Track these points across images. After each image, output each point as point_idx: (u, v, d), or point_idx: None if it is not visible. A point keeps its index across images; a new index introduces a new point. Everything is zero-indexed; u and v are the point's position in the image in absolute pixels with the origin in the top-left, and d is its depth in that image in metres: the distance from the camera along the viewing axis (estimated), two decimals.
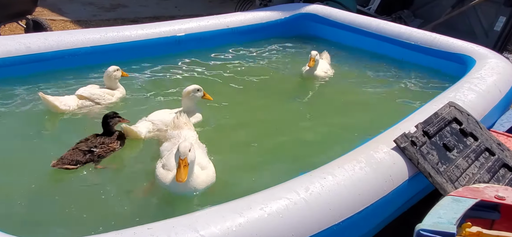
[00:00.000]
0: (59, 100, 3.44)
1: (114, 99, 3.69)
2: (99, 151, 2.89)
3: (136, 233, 1.77)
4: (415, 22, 7.29)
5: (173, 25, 5.01)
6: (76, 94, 3.59)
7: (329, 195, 2.24)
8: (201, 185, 2.59)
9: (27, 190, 2.60)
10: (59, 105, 3.40)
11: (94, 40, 4.40)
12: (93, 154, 2.86)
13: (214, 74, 4.58)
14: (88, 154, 2.84)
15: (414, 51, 5.06)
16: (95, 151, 2.87)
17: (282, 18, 5.82)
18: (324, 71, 4.59)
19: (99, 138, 2.97)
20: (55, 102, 3.38)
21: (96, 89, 3.65)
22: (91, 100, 3.57)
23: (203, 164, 2.68)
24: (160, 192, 2.64)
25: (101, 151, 2.90)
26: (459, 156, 2.83)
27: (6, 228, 1.88)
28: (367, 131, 3.31)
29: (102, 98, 3.61)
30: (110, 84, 3.73)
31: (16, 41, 4.06)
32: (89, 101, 3.56)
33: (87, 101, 3.55)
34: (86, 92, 3.59)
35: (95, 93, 3.60)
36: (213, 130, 3.44)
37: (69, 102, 3.48)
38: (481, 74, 3.93)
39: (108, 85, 3.74)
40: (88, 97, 3.57)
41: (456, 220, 1.96)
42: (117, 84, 3.77)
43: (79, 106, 3.52)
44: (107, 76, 3.71)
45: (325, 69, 4.61)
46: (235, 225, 1.91)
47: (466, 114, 3.16)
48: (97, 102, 3.59)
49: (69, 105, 3.46)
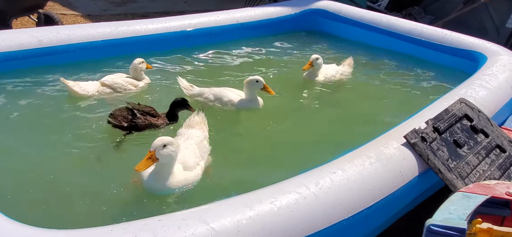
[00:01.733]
0: (79, 85, 3.62)
1: (136, 89, 3.86)
2: (140, 118, 3.14)
3: (147, 224, 1.79)
4: (426, 18, 7.23)
5: (183, 20, 5.02)
6: (100, 81, 3.77)
7: (339, 190, 2.24)
8: (175, 186, 2.51)
9: (39, 178, 2.65)
10: (79, 90, 3.58)
11: (105, 34, 4.44)
12: (135, 116, 3.11)
13: (221, 69, 4.59)
14: (129, 122, 3.10)
15: (424, 47, 5.03)
16: (136, 114, 3.13)
17: (292, 13, 5.81)
18: (325, 76, 4.32)
19: (150, 110, 3.23)
20: (74, 88, 3.56)
21: (120, 79, 3.82)
22: (113, 88, 3.75)
23: (189, 165, 2.62)
24: None
25: (142, 119, 3.14)
26: (469, 152, 2.82)
27: (14, 214, 1.90)
28: (376, 126, 3.30)
29: (123, 88, 3.78)
30: (136, 75, 3.89)
31: (28, 35, 4.10)
32: (111, 89, 3.74)
33: (108, 89, 3.73)
34: (109, 80, 3.77)
35: (117, 82, 3.77)
36: (215, 124, 3.45)
37: (88, 88, 3.65)
38: (492, 71, 3.90)
39: (134, 76, 3.91)
40: (110, 85, 3.75)
41: (467, 216, 1.95)
42: (142, 75, 3.94)
43: (100, 92, 3.70)
44: (133, 68, 3.89)
45: (328, 75, 4.34)
46: (245, 218, 1.92)
47: (477, 111, 3.14)
48: (119, 91, 3.76)
49: (88, 91, 3.63)
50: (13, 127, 3.27)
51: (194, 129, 3.01)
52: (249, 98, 3.67)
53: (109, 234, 1.72)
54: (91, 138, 3.12)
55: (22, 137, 3.10)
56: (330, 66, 4.47)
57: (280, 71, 4.68)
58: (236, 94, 3.71)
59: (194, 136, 2.93)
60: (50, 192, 2.56)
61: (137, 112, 3.16)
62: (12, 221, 1.80)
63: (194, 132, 2.99)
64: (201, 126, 3.07)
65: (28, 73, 3.97)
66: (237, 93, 3.73)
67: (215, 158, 2.95)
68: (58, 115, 3.43)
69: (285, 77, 4.40)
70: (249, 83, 3.62)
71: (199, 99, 3.71)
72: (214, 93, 3.69)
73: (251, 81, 3.62)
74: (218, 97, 3.67)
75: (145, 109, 3.25)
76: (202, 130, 3.05)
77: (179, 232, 1.77)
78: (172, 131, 3.23)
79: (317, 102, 4.10)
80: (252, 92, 3.65)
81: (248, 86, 3.63)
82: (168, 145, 2.45)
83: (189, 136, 2.92)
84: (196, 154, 2.74)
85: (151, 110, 3.26)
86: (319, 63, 4.24)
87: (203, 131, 3.04)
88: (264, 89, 3.63)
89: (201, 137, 2.98)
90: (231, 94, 3.70)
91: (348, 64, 4.57)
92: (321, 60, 4.27)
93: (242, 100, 3.67)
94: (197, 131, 3.00)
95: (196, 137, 2.93)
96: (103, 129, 3.20)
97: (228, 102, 3.65)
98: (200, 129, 3.05)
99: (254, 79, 3.61)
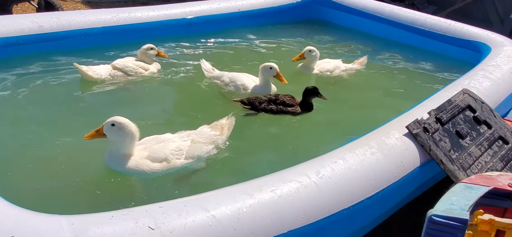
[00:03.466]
0: (92, 69, 3.67)
1: (146, 73, 3.88)
2: (268, 105, 3.37)
3: (148, 211, 1.79)
4: (429, 8, 7.18)
5: (184, 7, 4.99)
6: (111, 64, 3.81)
7: (340, 179, 2.23)
8: (128, 168, 2.51)
9: (47, 163, 2.66)
10: (92, 74, 3.62)
11: (106, 21, 4.41)
12: (269, 104, 3.37)
13: (222, 57, 4.57)
14: (263, 104, 3.36)
15: (428, 38, 4.99)
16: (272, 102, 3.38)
17: (293, 2, 5.76)
18: (321, 70, 4.17)
19: (286, 98, 3.41)
20: (88, 72, 3.60)
21: (130, 62, 3.85)
22: (124, 72, 3.79)
23: (156, 156, 2.56)
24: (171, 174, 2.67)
25: (272, 107, 3.36)
26: (472, 143, 2.80)
27: (17, 199, 1.90)
28: (377, 117, 3.28)
29: (134, 71, 3.82)
30: (144, 59, 3.92)
31: (29, 20, 4.08)
32: (122, 72, 3.77)
33: (119, 72, 3.77)
34: (120, 63, 3.81)
35: (128, 66, 3.82)
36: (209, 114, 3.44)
37: (101, 72, 3.70)
38: (496, 61, 3.87)
39: (142, 59, 3.92)
40: (121, 68, 3.79)
41: (469, 207, 1.95)
42: (151, 61, 3.97)
43: (112, 75, 3.74)
44: (140, 52, 3.93)
45: (324, 69, 4.18)
46: (246, 206, 1.91)
47: (480, 102, 3.12)
48: (130, 74, 3.80)
49: (101, 74, 3.68)
50: (22, 112, 3.25)
51: (211, 129, 2.87)
52: (263, 84, 3.70)
53: (110, 220, 1.71)
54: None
55: (32, 123, 3.10)
56: (333, 61, 4.30)
57: (278, 60, 4.63)
58: (251, 80, 3.74)
59: (200, 134, 2.81)
60: (53, 177, 2.56)
61: (272, 104, 3.40)
62: (14, 206, 1.80)
63: (207, 131, 2.85)
64: (223, 130, 2.91)
65: (32, 59, 3.96)
66: (253, 79, 3.76)
67: None
68: (72, 99, 3.45)
69: (280, 67, 4.33)
70: (263, 69, 3.64)
71: (217, 82, 3.77)
72: (230, 77, 3.74)
73: (264, 67, 3.63)
74: (233, 80, 3.71)
75: (284, 98, 3.43)
76: (219, 133, 2.87)
77: (180, 219, 1.76)
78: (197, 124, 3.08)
79: None
80: (266, 79, 3.68)
81: (262, 72, 3.66)
82: (117, 125, 2.49)
83: (198, 133, 2.81)
84: (177, 150, 2.63)
85: (290, 101, 3.42)
86: (313, 55, 4.09)
87: (220, 135, 2.86)
88: (277, 76, 3.63)
89: (206, 139, 2.80)
90: (246, 79, 3.73)
91: (359, 62, 4.37)
92: (316, 52, 4.11)
93: (255, 86, 3.70)
94: (211, 132, 2.85)
95: (199, 136, 2.79)
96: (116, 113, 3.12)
97: (241, 86, 3.68)
98: (219, 131, 2.88)
99: (268, 66, 3.62)
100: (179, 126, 2.99)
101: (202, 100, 3.67)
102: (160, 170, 2.57)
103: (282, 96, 3.46)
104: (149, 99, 3.65)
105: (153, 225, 1.72)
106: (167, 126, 3.07)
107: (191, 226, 1.76)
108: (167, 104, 3.60)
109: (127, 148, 2.55)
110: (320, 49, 4.40)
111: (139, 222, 1.72)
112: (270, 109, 3.39)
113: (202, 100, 3.67)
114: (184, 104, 3.63)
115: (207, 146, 2.78)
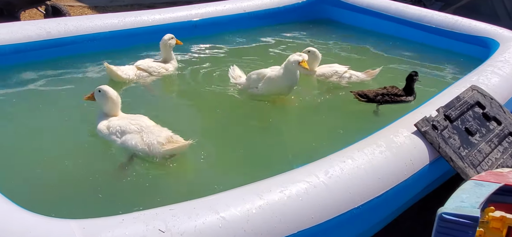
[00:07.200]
0: (121, 69, 3.80)
1: (167, 72, 4.03)
2: (383, 98, 3.55)
3: (158, 214, 1.80)
4: (436, 5, 7.13)
5: (190, 10, 5.00)
6: (135, 65, 3.93)
7: (349, 179, 2.23)
8: (101, 128, 2.94)
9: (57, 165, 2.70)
10: (121, 74, 3.77)
11: (113, 25, 4.43)
12: (383, 97, 3.55)
13: (228, 58, 4.57)
14: (378, 96, 3.54)
15: (435, 34, 4.96)
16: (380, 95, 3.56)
17: (299, 2, 5.75)
18: (324, 74, 4.03)
19: (392, 89, 3.60)
20: (117, 72, 3.76)
21: (152, 63, 4.02)
22: (148, 72, 3.93)
23: (127, 128, 2.85)
24: (181, 176, 2.70)
25: (387, 98, 3.54)
26: (481, 140, 2.78)
27: (27, 203, 1.91)
28: (385, 115, 3.26)
29: (157, 70, 3.97)
30: (166, 52, 4.03)
31: (37, 26, 4.11)
32: (146, 72, 3.92)
33: (143, 72, 3.91)
34: (144, 64, 3.96)
35: (151, 66, 3.97)
36: (210, 116, 3.48)
37: (129, 72, 3.86)
38: (505, 57, 3.84)
39: (164, 52, 4.04)
40: (145, 69, 3.94)
41: (479, 204, 1.93)
42: (171, 55, 4.07)
43: (137, 75, 3.89)
44: (163, 44, 4.00)
45: (329, 73, 4.02)
46: (255, 207, 1.91)
47: (489, 98, 3.09)
48: (154, 74, 3.95)
49: (129, 75, 3.82)
50: (33, 117, 3.29)
51: (159, 135, 2.79)
52: (289, 75, 3.53)
53: (121, 224, 1.72)
54: None
55: (43, 128, 3.14)
56: (335, 66, 4.12)
57: (283, 61, 4.62)
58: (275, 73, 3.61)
59: (149, 132, 2.80)
60: (64, 181, 2.59)
61: (386, 96, 3.57)
62: (25, 211, 1.82)
63: (155, 132, 2.81)
64: (169, 144, 2.73)
65: (44, 64, 4.01)
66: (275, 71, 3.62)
67: (219, 149, 2.97)
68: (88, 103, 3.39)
69: None
70: (292, 62, 3.49)
71: (244, 85, 3.76)
72: (258, 74, 3.63)
73: (294, 60, 3.48)
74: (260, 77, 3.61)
75: (393, 91, 3.60)
76: (163, 143, 2.73)
77: (190, 221, 1.77)
78: None
79: (316, 92, 3.97)
80: (294, 70, 3.52)
81: (287, 65, 3.52)
82: (102, 91, 3.01)
83: (150, 131, 2.81)
84: (120, 130, 2.86)
85: (398, 91, 3.60)
86: (313, 55, 3.94)
87: (161, 146, 2.72)
88: (301, 63, 3.48)
89: (148, 138, 2.77)
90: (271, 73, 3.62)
91: (370, 74, 4.11)
92: (317, 53, 3.99)
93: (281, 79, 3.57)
94: (156, 136, 2.77)
95: (149, 133, 2.79)
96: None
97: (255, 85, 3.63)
98: (166, 142, 2.74)
99: (297, 60, 3.47)
100: (196, 120, 3.25)
101: (217, 97, 3.72)
102: (106, 137, 2.91)
103: (389, 88, 3.63)
104: (173, 96, 3.84)
105: (163, 227, 1.73)
106: (186, 120, 3.36)
107: (201, 228, 1.77)
108: (188, 101, 3.77)
109: (108, 109, 3.02)
110: (327, 49, 4.37)
111: (150, 225, 1.73)
112: (385, 100, 3.55)
113: (217, 97, 3.72)
114: (201, 103, 3.72)
115: (142, 145, 2.73)
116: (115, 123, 2.92)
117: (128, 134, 2.82)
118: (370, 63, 4.59)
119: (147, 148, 2.73)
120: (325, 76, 4.06)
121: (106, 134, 2.90)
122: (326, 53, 4.55)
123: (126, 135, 2.82)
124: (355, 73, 4.10)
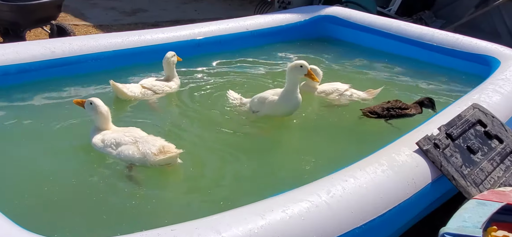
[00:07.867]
0: (127, 87, 3.87)
1: (170, 91, 4.09)
2: (389, 112, 3.59)
3: (160, 234, 1.80)
4: (437, 23, 7.17)
5: (193, 29, 5.06)
6: (140, 84, 4.01)
7: (351, 198, 2.23)
8: (95, 141, 3.01)
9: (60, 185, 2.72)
10: (127, 92, 3.84)
11: (117, 44, 4.48)
12: (389, 111, 3.58)
13: (230, 77, 4.61)
14: (385, 111, 3.57)
15: (436, 52, 4.98)
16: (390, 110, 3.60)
17: (301, 20, 5.80)
18: (324, 91, 4.02)
19: (399, 103, 3.65)
20: (123, 89, 3.83)
21: (156, 81, 4.09)
22: (153, 90, 4.00)
23: (121, 140, 2.92)
24: (179, 190, 2.73)
25: (394, 112, 3.58)
26: (483, 159, 2.78)
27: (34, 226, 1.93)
28: (386, 134, 3.27)
29: (161, 89, 4.04)
30: (169, 69, 4.11)
31: (41, 46, 4.16)
32: (150, 91, 4.00)
33: (148, 91, 3.99)
34: (148, 83, 4.04)
35: (156, 84, 4.05)
36: (211, 130, 3.50)
37: (135, 90, 3.93)
38: (506, 75, 3.85)
39: (167, 70, 4.11)
40: (150, 87, 4.00)
41: (482, 223, 1.93)
42: (174, 72, 4.14)
43: (143, 94, 3.96)
44: (166, 62, 4.08)
45: (329, 91, 4.02)
46: (257, 227, 1.91)
47: (491, 116, 3.10)
48: (158, 92, 4.01)
49: (134, 92, 3.90)
50: (37, 138, 3.31)
51: (154, 144, 2.89)
52: (289, 88, 3.49)
53: None
54: None
55: (47, 148, 3.17)
56: (336, 84, 4.11)
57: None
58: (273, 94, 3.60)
59: (144, 142, 2.90)
60: (69, 200, 2.61)
61: (392, 111, 3.62)
62: (29, 232, 1.83)
63: (150, 141, 2.91)
64: (162, 154, 2.82)
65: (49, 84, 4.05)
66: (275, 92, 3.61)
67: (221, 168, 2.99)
68: None
69: None
70: (293, 69, 3.46)
71: (246, 108, 3.75)
72: (259, 98, 3.61)
73: (295, 66, 3.46)
74: (262, 100, 3.59)
75: (397, 104, 3.66)
76: (156, 152, 2.83)
77: None
78: None
79: (316, 110, 3.99)
80: (294, 80, 3.48)
81: (290, 72, 3.49)
82: (93, 104, 3.05)
83: (145, 140, 2.92)
84: (115, 142, 2.93)
85: (402, 105, 3.66)
86: (316, 73, 3.84)
87: (155, 155, 2.83)
88: (308, 75, 3.48)
89: (143, 148, 2.87)
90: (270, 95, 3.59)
91: (371, 93, 4.08)
92: (318, 71, 3.98)
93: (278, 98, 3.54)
94: (150, 146, 2.87)
95: (144, 143, 2.90)
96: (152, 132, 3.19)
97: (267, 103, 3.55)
98: (159, 151, 2.84)
99: (298, 64, 3.45)
100: (199, 135, 3.36)
101: (219, 116, 3.75)
102: (101, 150, 2.97)
103: (393, 102, 3.70)
104: (175, 114, 3.86)
105: None
106: (192, 136, 3.44)
107: None
108: (191, 117, 3.78)
109: (99, 123, 3.09)
110: (329, 67, 4.38)
111: None
112: (391, 115, 3.59)
113: (219, 116, 3.75)
114: (204, 121, 3.72)
115: (138, 154, 2.84)
116: (109, 136, 2.99)
117: (123, 145, 2.91)
118: (371, 81, 4.62)
119: (143, 157, 2.83)
120: (325, 93, 4.06)
121: (101, 147, 2.97)
122: (327, 71, 4.58)
123: (121, 146, 2.91)
124: (357, 91, 4.09)
